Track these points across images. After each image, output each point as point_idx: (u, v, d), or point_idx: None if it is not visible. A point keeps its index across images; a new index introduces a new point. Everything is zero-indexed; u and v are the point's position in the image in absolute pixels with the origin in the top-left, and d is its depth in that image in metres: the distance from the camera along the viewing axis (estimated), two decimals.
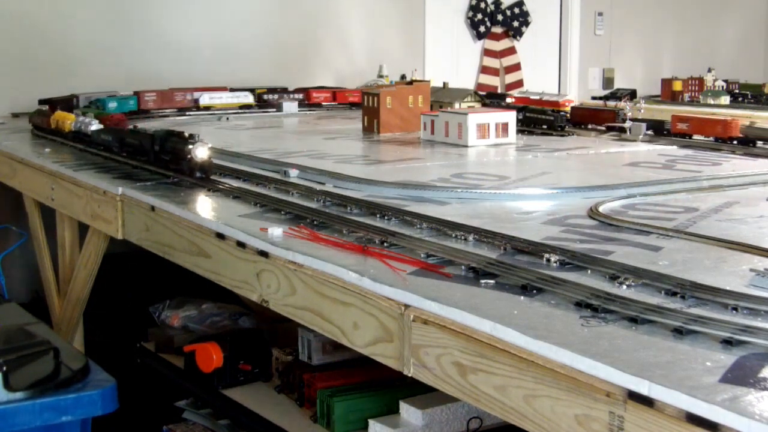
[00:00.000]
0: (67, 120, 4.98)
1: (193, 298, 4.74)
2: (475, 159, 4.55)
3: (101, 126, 4.68)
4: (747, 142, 4.65)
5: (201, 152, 3.62)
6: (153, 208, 3.51)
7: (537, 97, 6.30)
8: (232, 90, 7.00)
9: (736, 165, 4.22)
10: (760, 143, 4.62)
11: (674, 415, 1.55)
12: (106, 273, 4.67)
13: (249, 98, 7.00)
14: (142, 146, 4.00)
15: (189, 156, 3.61)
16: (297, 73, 7.91)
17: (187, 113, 6.72)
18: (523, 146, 4.93)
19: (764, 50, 11.04)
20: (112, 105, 6.23)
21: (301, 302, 2.61)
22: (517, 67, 9.43)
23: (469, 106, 5.87)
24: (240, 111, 6.86)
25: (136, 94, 6.50)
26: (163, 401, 4.28)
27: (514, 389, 1.88)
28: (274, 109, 7.10)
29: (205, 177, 3.63)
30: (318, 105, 7.28)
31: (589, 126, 5.56)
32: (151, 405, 4.45)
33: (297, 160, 4.15)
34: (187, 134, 3.74)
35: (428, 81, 6.67)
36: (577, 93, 9.02)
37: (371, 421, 3.23)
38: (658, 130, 5.19)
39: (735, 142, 4.71)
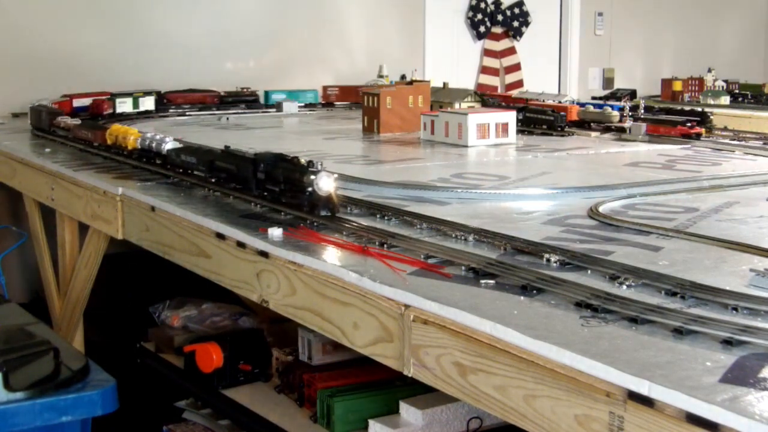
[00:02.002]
0: (130, 135, 4.21)
1: (193, 298, 4.74)
2: (475, 159, 4.55)
3: (178, 144, 3.90)
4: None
5: (325, 184, 2.87)
6: (153, 208, 3.51)
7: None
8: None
9: (736, 165, 4.22)
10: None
11: (674, 415, 1.55)
12: (106, 273, 4.67)
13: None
14: (240, 173, 3.26)
15: (310, 188, 2.87)
16: (297, 74, 7.91)
17: (187, 113, 6.72)
18: (523, 146, 4.94)
19: (764, 50, 11.04)
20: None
21: (301, 302, 2.61)
22: (517, 67, 9.43)
23: (469, 106, 5.88)
24: (240, 111, 6.85)
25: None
26: (163, 401, 4.28)
27: (514, 389, 1.88)
28: (274, 109, 7.11)
29: (331, 215, 2.88)
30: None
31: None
32: (151, 405, 4.45)
33: None
34: (304, 160, 2.97)
35: (428, 81, 6.67)
36: (577, 93, 9.02)
37: (371, 421, 3.23)
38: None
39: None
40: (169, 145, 3.86)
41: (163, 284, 4.92)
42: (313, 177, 2.86)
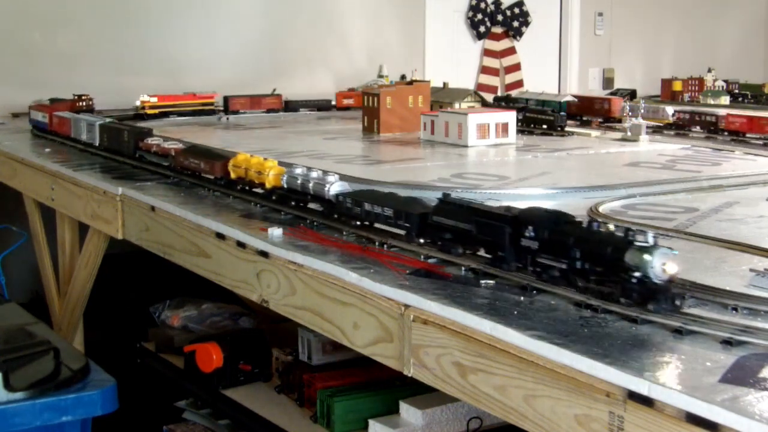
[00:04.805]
0: (269, 170, 3.18)
1: (193, 298, 4.74)
2: (475, 159, 4.55)
3: (346, 186, 2.90)
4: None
5: (667, 265, 1.89)
6: (153, 208, 3.51)
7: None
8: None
9: (736, 165, 4.22)
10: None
11: (674, 415, 1.55)
12: (106, 273, 4.67)
13: None
14: (484, 234, 2.28)
15: (638, 273, 1.89)
16: (297, 75, 7.90)
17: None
18: (523, 146, 4.93)
19: (764, 50, 11.04)
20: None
21: (301, 302, 2.61)
22: (517, 67, 9.43)
23: (469, 106, 5.88)
24: (240, 111, 6.82)
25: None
26: (163, 401, 4.28)
27: (514, 389, 1.88)
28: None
29: (673, 308, 1.92)
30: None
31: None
32: (151, 405, 4.45)
33: (297, 160, 4.15)
34: (622, 229, 1.99)
35: (428, 81, 6.67)
36: (577, 93, 9.01)
37: (371, 421, 3.23)
38: None
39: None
40: (336, 186, 2.88)
41: (163, 284, 4.92)
42: (646, 256, 1.88)
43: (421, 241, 2.49)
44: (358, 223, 2.76)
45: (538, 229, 2.12)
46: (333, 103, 7.34)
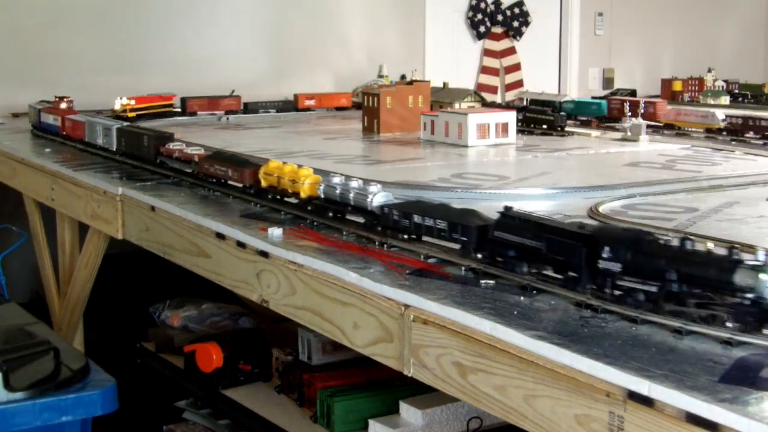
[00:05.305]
0: (303, 178, 3.02)
1: (193, 298, 4.74)
2: (475, 159, 4.55)
3: (390, 196, 2.72)
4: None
5: None
6: (153, 208, 3.51)
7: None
8: None
9: (736, 165, 4.22)
10: None
11: (674, 415, 1.55)
12: (106, 273, 4.67)
13: None
14: (555, 253, 2.11)
15: (750, 295, 1.73)
16: (297, 75, 7.90)
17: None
18: (523, 146, 4.93)
19: (764, 50, 11.04)
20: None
21: (301, 302, 2.61)
22: (517, 67, 9.43)
23: (469, 106, 5.87)
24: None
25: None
26: (163, 401, 4.28)
27: (514, 389, 1.88)
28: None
29: None
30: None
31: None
32: (151, 405, 4.46)
33: (297, 160, 4.15)
34: (723, 247, 1.88)
35: (428, 81, 6.67)
36: (577, 93, 9.01)
37: (371, 421, 3.23)
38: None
39: None
40: (380, 197, 2.70)
41: (163, 284, 4.92)
42: (762, 276, 1.71)
43: (479, 256, 2.32)
44: (406, 236, 2.58)
45: (619, 250, 1.94)
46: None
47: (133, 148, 4.24)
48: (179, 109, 6.61)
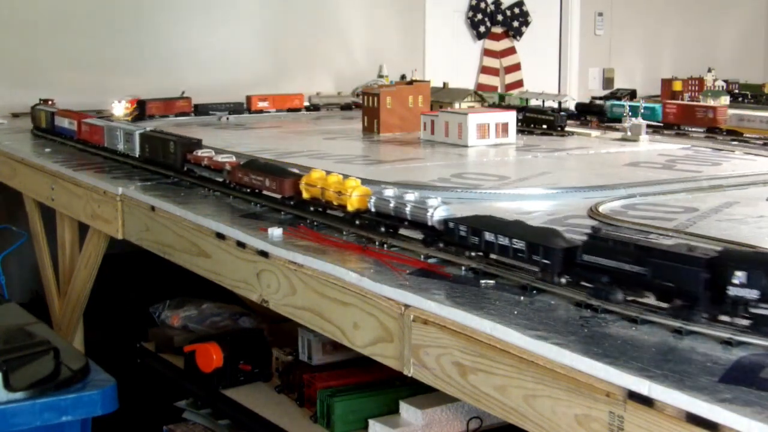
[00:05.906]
0: (351, 190, 2.79)
1: (193, 298, 4.74)
2: (475, 159, 4.55)
3: (450, 211, 2.50)
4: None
5: None
6: (153, 208, 3.51)
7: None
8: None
9: (736, 165, 4.22)
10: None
11: (674, 415, 1.55)
12: (106, 273, 4.67)
13: None
14: (667, 278, 1.87)
15: None
16: (298, 75, 7.90)
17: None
18: (523, 146, 4.93)
19: (764, 50, 11.04)
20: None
21: (301, 302, 2.61)
22: (517, 67, 9.43)
23: (469, 106, 5.87)
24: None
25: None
26: (163, 401, 4.28)
27: (514, 389, 1.88)
28: None
29: None
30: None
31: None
32: (151, 405, 4.45)
33: (297, 160, 4.15)
34: None
35: (428, 81, 6.67)
36: (577, 93, 9.02)
37: (371, 421, 3.23)
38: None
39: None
40: (441, 211, 2.48)
41: (163, 284, 4.92)
42: None
43: (563, 281, 2.11)
44: (473, 254, 2.37)
45: (755, 275, 1.72)
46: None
47: (158, 155, 4.02)
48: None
